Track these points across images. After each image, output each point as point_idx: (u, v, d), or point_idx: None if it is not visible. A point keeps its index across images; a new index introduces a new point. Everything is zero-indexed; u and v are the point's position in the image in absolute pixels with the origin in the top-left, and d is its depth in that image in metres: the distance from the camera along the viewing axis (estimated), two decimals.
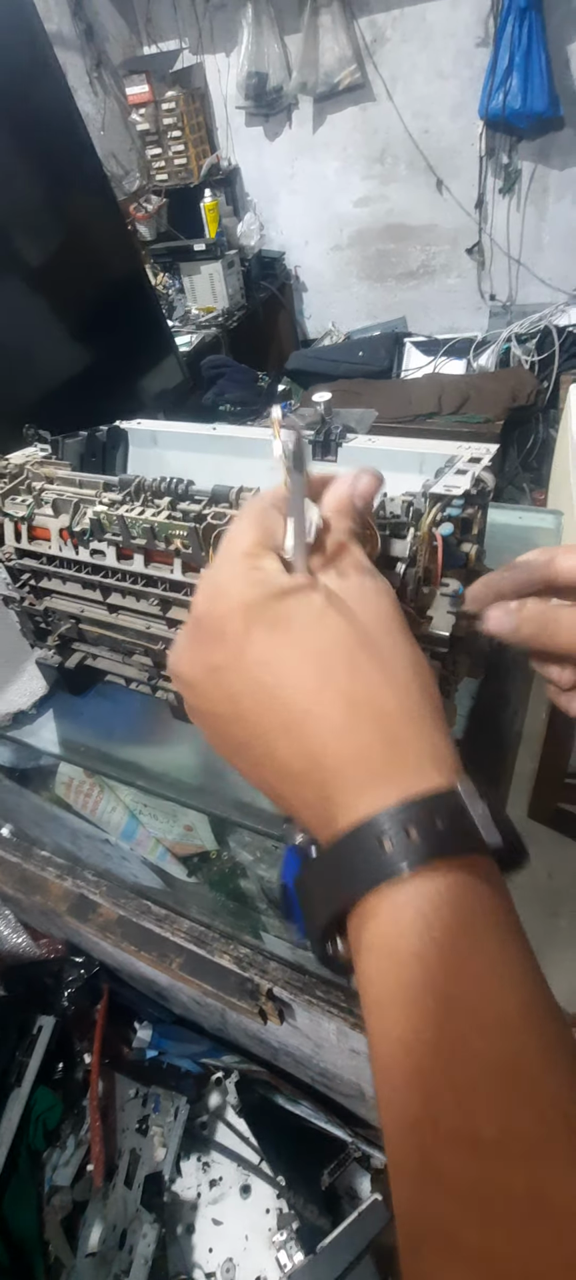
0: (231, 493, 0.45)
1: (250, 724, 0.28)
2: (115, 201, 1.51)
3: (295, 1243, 0.94)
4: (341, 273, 3.47)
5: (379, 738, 0.26)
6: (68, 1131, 1.04)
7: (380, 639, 0.28)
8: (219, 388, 2.79)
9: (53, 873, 0.94)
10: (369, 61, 2.85)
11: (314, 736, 0.27)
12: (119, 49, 3.10)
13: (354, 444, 0.57)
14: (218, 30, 3.05)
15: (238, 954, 0.84)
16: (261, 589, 0.29)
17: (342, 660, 0.27)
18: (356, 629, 0.28)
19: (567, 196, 2.76)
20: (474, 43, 2.63)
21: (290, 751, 0.27)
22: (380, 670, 0.28)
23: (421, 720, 0.27)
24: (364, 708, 0.27)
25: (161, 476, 0.49)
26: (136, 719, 0.65)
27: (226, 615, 0.29)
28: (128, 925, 0.91)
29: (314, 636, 0.28)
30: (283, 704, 0.27)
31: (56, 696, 0.68)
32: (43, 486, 0.55)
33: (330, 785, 0.26)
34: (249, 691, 0.28)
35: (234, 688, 0.28)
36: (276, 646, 0.28)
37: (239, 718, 0.29)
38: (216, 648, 0.29)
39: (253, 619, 0.28)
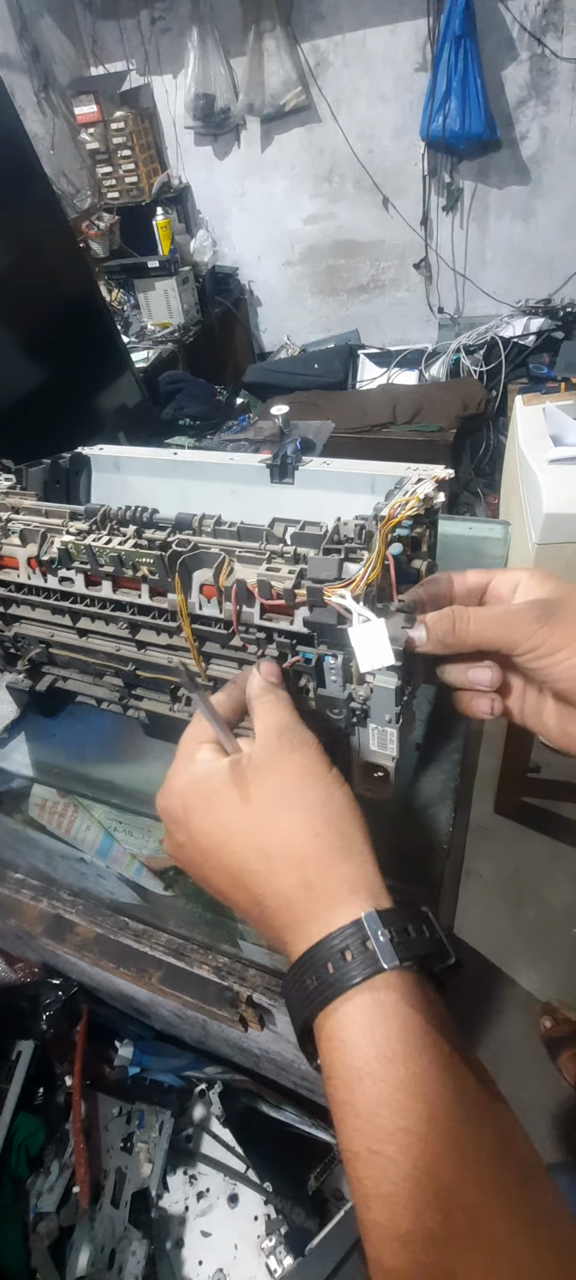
0: (194, 520, 0.48)
1: (214, 881, 0.36)
2: (66, 219, 1.52)
3: (284, 1247, 0.95)
4: (294, 287, 3.53)
5: (297, 883, 0.32)
6: (51, 1156, 1.03)
7: (291, 792, 0.34)
8: (177, 402, 2.80)
9: (27, 895, 0.94)
10: (313, 84, 2.93)
11: (251, 888, 0.33)
12: (66, 70, 3.10)
13: (309, 467, 0.60)
14: (164, 52, 3.09)
15: (216, 964, 0.86)
16: (191, 776, 0.36)
17: (258, 820, 0.33)
18: (269, 790, 0.34)
19: (507, 214, 2.89)
20: (413, 68, 2.74)
21: (244, 898, 0.34)
22: (291, 822, 0.33)
23: (334, 858, 0.32)
24: (279, 859, 0.32)
25: (126, 505, 0.51)
26: (109, 738, 0.67)
27: (174, 807, 0.37)
28: (105, 943, 0.91)
29: (229, 805, 0.34)
30: (225, 866, 0.34)
31: (28, 719, 0.69)
32: (9, 516, 0.56)
33: (274, 926, 0.33)
34: (203, 858, 0.35)
35: (194, 859, 0.36)
36: (208, 819, 0.35)
37: (204, 879, 0.36)
38: (175, 831, 0.37)
39: (188, 803, 0.36)
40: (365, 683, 0.43)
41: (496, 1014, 1.52)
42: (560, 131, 2.65)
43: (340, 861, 0.32)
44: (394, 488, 0.50)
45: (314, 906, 0.31)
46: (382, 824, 0.50)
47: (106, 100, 3.09)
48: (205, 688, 0.40)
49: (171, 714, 0.58)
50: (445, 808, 0.53)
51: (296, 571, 0.41)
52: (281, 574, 0.41)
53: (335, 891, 0.31)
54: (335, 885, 0.31)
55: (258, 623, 0.44)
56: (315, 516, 0.47)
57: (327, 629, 0.39)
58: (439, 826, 0.52)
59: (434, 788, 0.56)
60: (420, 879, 0.50)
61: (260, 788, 0.34)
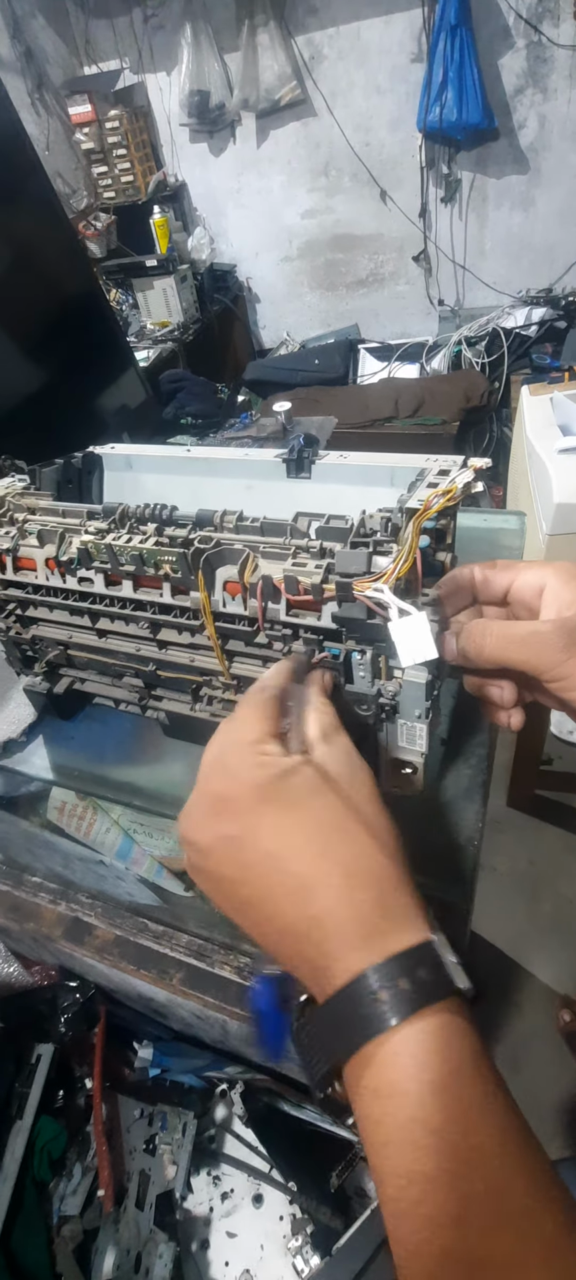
0: (215, 516, 0.48)
1: (258, 888, 0.32)
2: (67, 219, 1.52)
3: (311, 1247, 0.95)
4: (292, 283, 3.52)
5: (373, 900, 0.30)
6: (73, 1159, 1.03)
7: (366, 809, 0.33)
8: (178, 401, 2.80)
9: (45, 898, 0.94)
10: (308, 78, 2.92)
11: (316, 901, 0.31)
12: (59, 70, 3.09)
13: (326, 461, 0.59)
14: (157, 50, 3.07)
15: (238, 964, 0.85)
16: (269, 771, 0.33)
17: (339, 832, 0.32)
18: (347, 801, 0.33)
19: (505, 204, 2.87)
20: (408, 59, 2.72)
21: (295, 914, 0.31)
22: (370, 839, 0.32)
23: (403, 881, 0.32)
24: (359, 875, 0.31)
25: (145, 503, 0.51)
26: (128, 739, 0.66)
27: (240, 795, 0.33)
28: (125, 945, 0.91)
29: (313, 811, 0.33)
30: (290, 873, 0.32)
31: (45, 722, 0.69)
32: (25, 517, 0.56)
33: (329, 944, 0.30)
34: (259, 860, 0.32)
35: (245, 856, 0.33)
36: (283, 821, 0.32)
37: (246, 882, 0.33)
38: (231, 821, 0.33)
39: (263, 797, 0.33)
40: (394, 678, 0.42)
41: (514, 1008, 1.52)
42: (558, 119, 2.63)
43: (410, 887, 0.32)
44: (415, 479, 0.50)
45: (387, 924, 0.30)
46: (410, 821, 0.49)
47: (100, 100, 3.09)
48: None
49: (192, 714, 0.58)
50: (473, 804, 0.53)
51: (323, 566, 0.40)
52: (308, 569, 0.41)
53: (408, 911, 0.31)
54: (409, 906, 0.31)
55: (283, 619, 0.43)
56: (334, 510, 0.46)
57: (357, 623, 0.39)
58: (467, 823, 0.52)
59: (460, 783, 0.55)
60: (450, 876, 0.50)
61: (339, 798, 0.33)
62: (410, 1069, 0.27)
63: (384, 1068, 0.27)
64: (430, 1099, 0.26)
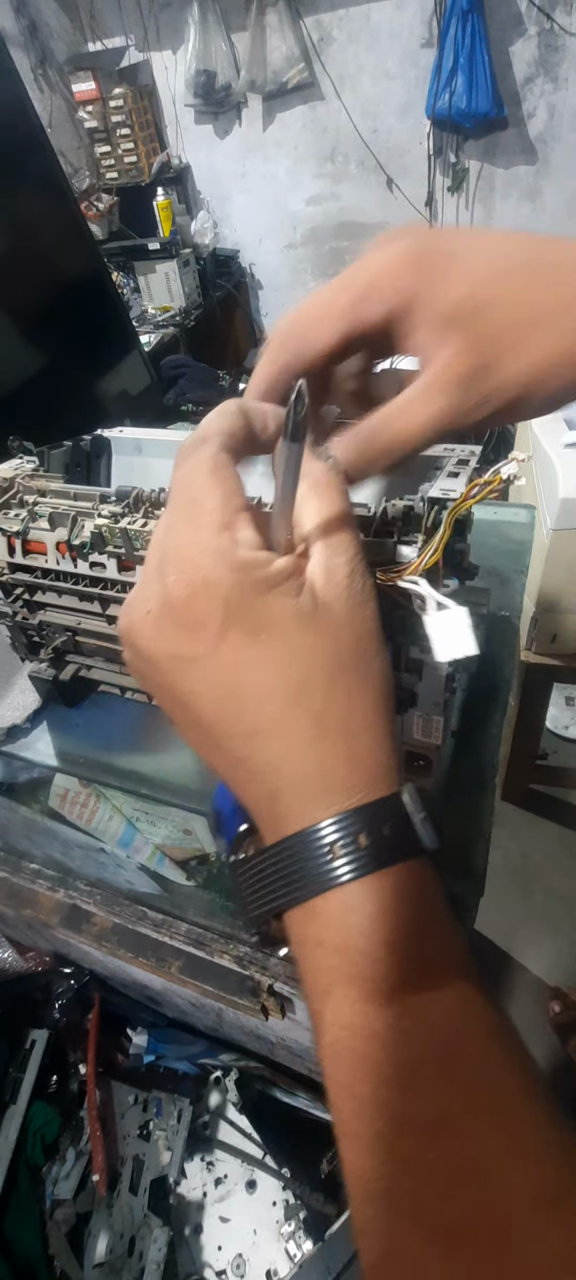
0: None
1: (205, 716, 0.27)
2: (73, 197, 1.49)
3: (303, 1232, 0.96)
4: (296, 270, 3.49)
5: (342, 756, 0.26)
6: (67, 1144, 1.03)
7: (359, 656, 0.28)
8: (179, 388, 2.77)
9: (43, 885, 0.93)
10: (317, 61, 2.88)
11: (277, 747, 0.26)
12: (63, 46, 3.03)
13: None
14: (163, 27, 3.02)
15: (237, 953, 0.85)
16: (243, 580, 0.26)
17: (319, 682, 0.27)
18: (338, 648, 0.27)
19: (513, 195, 2.85)
20: (418, 44, 2.69)
21: (245, 751, 0.27)
22: (355, 691, 0.27)
23: (381, 733, 0.27)
24: (333, 729, 0.26)
25: (160, 487, 0.50)
26: (133, 727, 0.66)
27: (204, 607, 0.26)
28: (123, 932, 0.90)
29: (293, 651, 0.26)
30: (250, 713, 0.26)
31: (50, 709, 0.68)
32: (35, 500, 0.55)
33: (285, 792, 0.26)
34: (214, 689, 0.27)
35: (196, 684, 0.27)
36: (252, 651, 0.26)
37: (193, 706, 0.28)
38: (187, 640, 0.27)
39: (232, 618, 0.26)
40: (413, 669, 0.42)
41: (505, 999, 1.53)
42: (568, 110, 2.60)
43: (386, 738, 0.28)
44: (433, 469, 0.49)
45: (354, 779, 0.26)
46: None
47: (105, 77, 3.03)
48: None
49: None
50: (484, 797, 0.53)
51: None
52: None
53: (380, 765, 0.27)
54: (381, 759, 0.27)
55: None
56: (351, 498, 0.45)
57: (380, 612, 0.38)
58: (479, 816, 0.51)
59: (471, 776, 0.55)
60: (461, 870, 0.50)
61: (329, 634, 0.27)
62: (362, 926, 0.25)
63: (334, 920, 0.25)
64: (384, 958, 0.24)
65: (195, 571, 0.26)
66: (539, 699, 1.51)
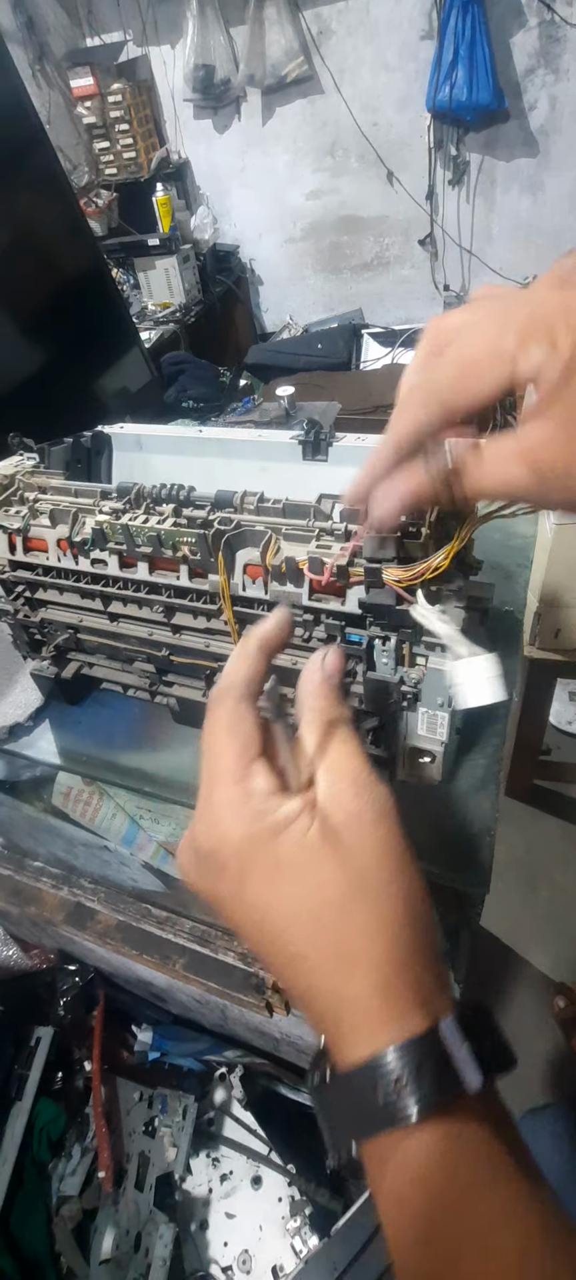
0: (235, 497, 0.46)
1: (251, 943, 0.30)
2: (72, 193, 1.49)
3: (309, 1228, 0.96)
4: (296, 265, 3.47)
5: (370, 987, 0.27)
6: (72, 1141, 1.03)
7: (374, 879, 0.28)
8: (180, 384, 2.76)
9: (47, 883, 0.93)
10: (316, 54, 2.86)
11: (308, 977, 0.28)
12: (61, 41, 3.02)
13: (343, 443, 0.58)
14: (162, 22, 3.00)
15: (242, 949, 0.85)
16: (255, 826, 0.28)
17: (334, 909, 0.27)
18: (350, 872, 0.28)
19: (514, 188, 2.83)
20: (418, 36, 2.67)
21: (290, 976, 0.29)
22: (372, 917, 0.27)
23: (412, 964, 0.27)
24: (354, 959, 0.27)
25: (161, 484, 0.49)
26: (136, 725, 0.65)
27: (224, 857, 0.29)
28: (127, 930, 0.90)
29: (304, 887, 0.28)
30: (281, 944, 0.28)
31: (52, 707, 0.67)
32: (36, 496, 0.54)
33: (327, 1021, 0.28)
34: (246, 925, 0.30)
35: (235, 919, 0.30)
36: (270, 893, 0.28)
37: (242, 936, 0.30)
38: (217, 882, 0.30)
39: (247, 864, 0.28)
40: (417, 665, 0.42)
41: (509, 995, 1.53)
42: (570, 101, 2.58)
43: (417, 964, 0.27)
44: None
45: (387, 1012, 0.26)
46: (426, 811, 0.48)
47: (103, 72, 3.02)
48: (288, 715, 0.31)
49: (205, 700, 0.57)
50: (489, 794, 0.52)
51: (349, 549, 0.39)
52: (332, 551, 0.40)
53: (415, 999, 0.27)
54: (415, 993, 0.27)
55: (305, 603, 0.42)
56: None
57: (385, 609, 0.38)
58: (484, 813, 0.51)
59: (475, 773, 0.55)
60: (466, 866, 0.49)
61: (338, 867, 0.28)
62: (413, 1181, 0.25)
63: (392, 1169, 0.25)
64: (439, 1214, 0.24)
65: (215, 826, 0.29)
66: (542, 694, 1.51)
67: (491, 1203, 0.24)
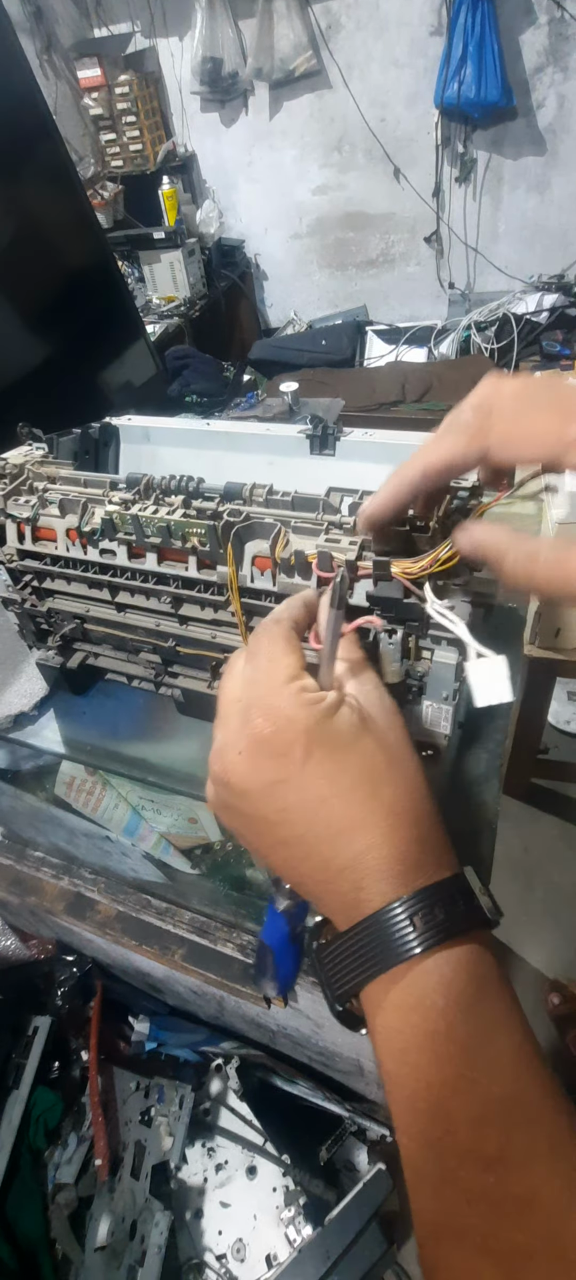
0: (244, 490, 0.47)
1: (297, 829, 0.33)
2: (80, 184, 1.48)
3: (303, 1218, 0.97)
4: (301, 261, 3.47)
5: (414, 837, 0.31)
6: (69, 1129, 1.04)
7: (406, 752, 0.34)
8: (184, 379, 2.76)
9: (48, 873, 0.93)
10: (324, 49, 2.85)
11: (361, 841, 0.31)
12: (68, 31, 3.01)
13: (351, 438, 0.58)
14: (170, 13, 2.99)
15: (240, 941, 0.85)
16: (315, 711, 0.33)
17: (383, 772, 0.33)
18: (385, 741, 0.34)
19: (521, 186, 2.83)
20: (427, 31, 2.66)
21: (333, 852, 0.32)
22: (411, 781, 0.33)
23: (436, 817, 0.33)
24: (403, 814, 0.32)
25: (170, 475, 0.50)
26: (140, 716, 0.66)
27: (289, 738, 0.32)
28: (127, 920, 0.91)
29: (359, 752, 0.33)
30: (338, 814, 0.32)
31: (57, 696, 0.68)
32: (45, 486, 0.55)
33: (367, 878, 0.31)
34: (304, 803, 0.32)
35: (288, 799, 0.33)
36: (331, 765, 0.32)
37: (285, 823, 0.33)
38: (279, 765, 0.33)
39: (312, 741, 0.32)
40: (423, 659, 0.42)
41: None
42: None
43: (441, 826, 0.33)
44: None
45: (426, 860, 0.31)
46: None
47: (110, 64, 3.01)
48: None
49: (210, 691, 0.57)
50: (491, 787, 0.53)
51: (358, 543, 0.39)
52: (341, 545, 0.40)
53: (442, 847, 0.32)
54: (442, 843, 0.32)
55: None
56: (360, 488, 0.45)
57: (392, 603, 0.38)
58: (486, 807, 0.51)
59: (477, 767, 0.55)
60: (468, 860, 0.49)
61: (379, 741, 0.33)
62: (439, 986, 0.29)
63: (412, 984, 0.29)
64: (456, 1013, 0.28)
65: (278, 711, 0.33)
66: (541, 693, 1.51)
67: (497, 1002, 0.29)
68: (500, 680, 0.34)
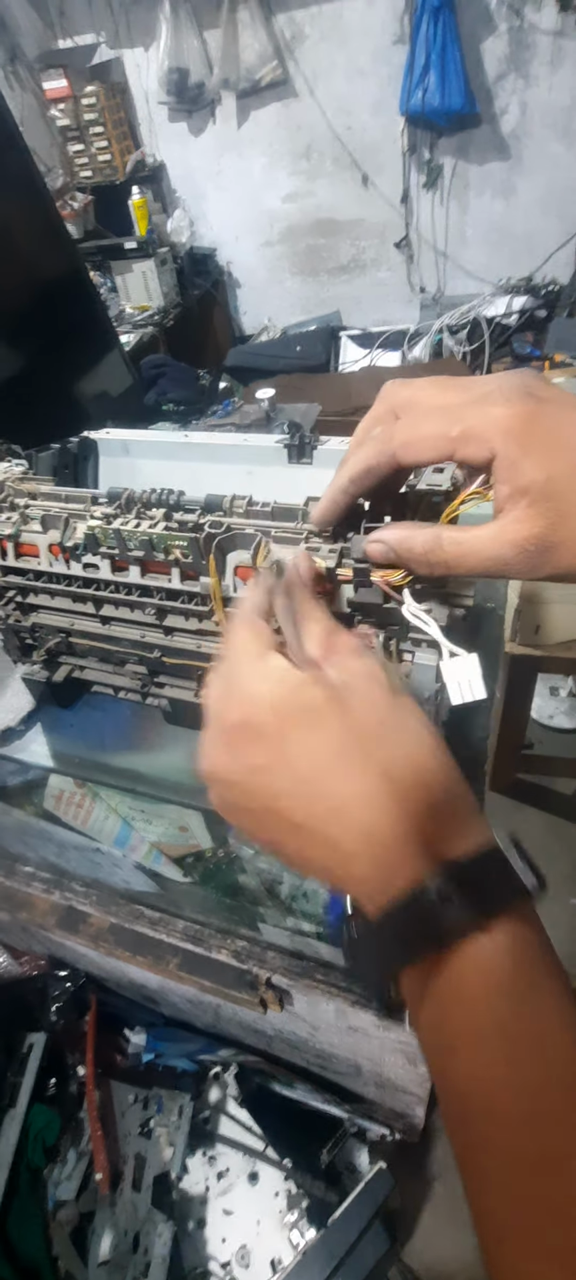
0: (225, 501, 0.48)
1: (296, 814, 0.30)
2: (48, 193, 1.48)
3: (306, 1221, 0.97)
4: (273, 268, 3.49)
5: (424, 805, 0.28)
6: (68, 1145, 1.03)
7: (401, 712, 0.30)
8: (160, 388, 2.76)
9: (39, 887, 0.93)
10: (290, 58, 2.88)
11: (363, 815, 0.28)
12: (33, 43, 3.00)
13: (328, 446, 0.60)
14: (135, 24, 3.00)
15: (235, 947, 0.86)
16: (284, 685, 0.31)
17: (373, 739, 0.29)
18: (372, 705, 0.30)
19: (487, 192, 2.88)
20: (391, 40, 2.70)
21: (340, 831, 0.29)
22: (411, 741, 0.29)
23: (452, 779, 0.29)
24: (404, 782, 0.28)
25: (151, 488, 0.50)
26: (128, 727, 0.66)
27: (260, 719, 0.30)
28: (120, 932, 0.91)
29: (341, 721, 0.29)
30: (330, 791, 0.29)
31: (43, 711, 0.68)
32: (26, 503, 0.55)
33: (385, 857, 0.28)
34: (293, 784, 0.30)
35: (276, 784, 0.30)
36: (311, 738, 0.30)
37: (282, 810, 0.30)
38: (255, 749, 0.30)
39: (284, 716, 0.30)
40: (404, 661, 0.43)
41: None
42: (539, 107, 2.64)
43: (463, 791, 0.30)
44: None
45: (444, 830, 0.28)
46: None
47: (76, 75, 3.00)
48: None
49: (196, 700, 0.58)
50: (475, 784, 0.54)
51: (338, 550, 0.41)
52: (321, 553, 0.41)
53: (465, 815, 0.29)
54: (464, 810, 0.29)
55: None
56: None
57: (373, 608, 0.39)
58: None
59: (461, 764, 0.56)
60: None
61: (365, 704, 0.30)
62: (481, 974, 0.26)
63: (452, 973, 0.26)
64: (503, 1004, 0.26)
65: (243, 695, 0.31)
66: (524, 689, 1.54)
67: (546, 987, 0.27)
68: (474, 678, 0.34)
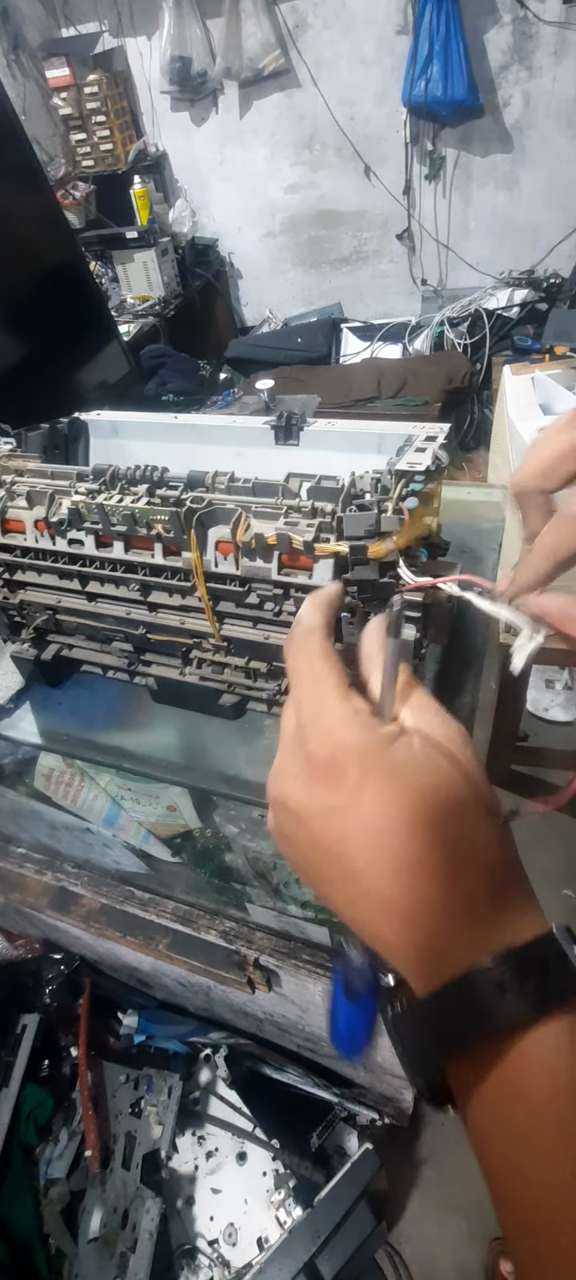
0: (207, 478, 0.48)
1: (356, 863, 0.29)
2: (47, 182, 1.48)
3: (293, 1200, 0.98)
4: (275, 259, 3.48)
5: (484, 886, 0.28)
6: (60, 1125, 1.05)
7: (477, 791, 0.30)
8: (160, 378, 2.76)
9: (31, 868, 0.94)
10: (292, 48, 2.87)
11: (425, 881, 0.28)
12: (36, 31, 2.99)
13: (314, 428, 0.60)
14: (138, 13, 2.99)
15: (223, 928, 0.87)
16: (371, 735, 0.30)
17: (447, 809, 0.29)
18: (453, 777, 0.29)
19: (490, 183, 2.87)
20: (394, 30, 2.69)
21: (399, 892, 0.28)
22: (478, 819, 0.29)
23: (515, 865, 0.29)
24: (469, 858, 0.28)
25: (135, 465, 0.51)
26: (116, 705, 0.67)
27: (347, 762, 0.30)
28: (111, 913, 0.92)
29: (422, 790, 0.29)
30: (396, 849, 0.28)
31: (33, 690, 0.68)
32: (13, 479, 0.56)
33: (439, 931, 0.27)
34: (362, 834, 0.29)
35: (346, 829, 0.30)
36: (391, 796, 0.29)
37: (344, 855, 0.30)
38: (333, 791, 0.30)
39: (370, 769, 0.29)
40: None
41: None
42: (543, 98, 2.63)
43: (521, 872, 0.29)
44: (403, 445, 0.51)
45: (503, 913, 0.27)
46: None
47: (79, 63, 2.99)
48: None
49: (181, 678, 0.58)
50: None
51: (315, 525, 0.41)
52: (300, 528, 0.42)
53: (523, 899, 0.28)
54: (523, 893, 0.28)
55: (275, 578, 0.44)
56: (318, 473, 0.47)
57: (369, 584, 0.40)
58: None
59: None
60: None
61: (449, 774, 0.29)
62: (537, 1071, 0.25)
63: (510, 1068, 0.26)
64: (567, 1105, 0.25)
65: (331, 735, 0.30)
66: (518, 682, 1.54)
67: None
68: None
